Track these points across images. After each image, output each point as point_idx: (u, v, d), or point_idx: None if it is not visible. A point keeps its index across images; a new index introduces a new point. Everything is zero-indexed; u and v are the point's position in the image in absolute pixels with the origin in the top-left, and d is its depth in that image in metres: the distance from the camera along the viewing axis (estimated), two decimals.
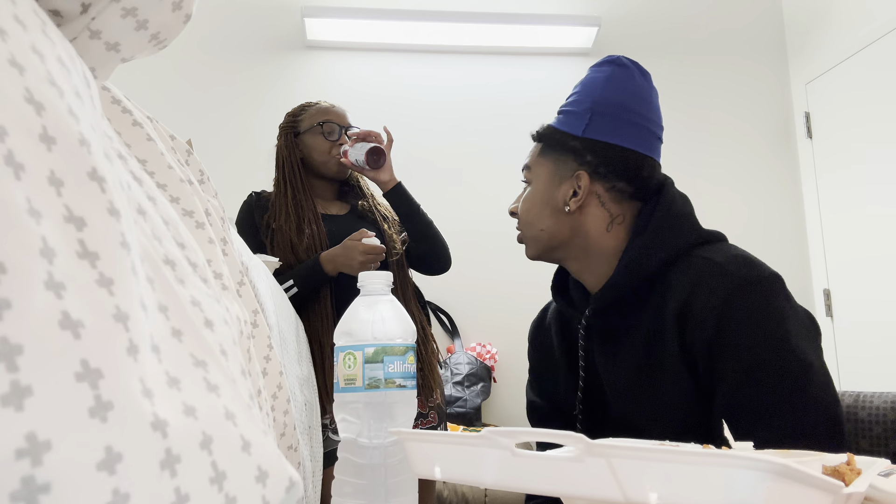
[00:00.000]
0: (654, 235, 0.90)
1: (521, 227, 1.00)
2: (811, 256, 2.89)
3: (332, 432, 1.48)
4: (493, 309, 2.72)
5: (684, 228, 0.91)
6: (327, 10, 2.71)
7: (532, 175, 1.00)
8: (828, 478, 0.37)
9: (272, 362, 0.64)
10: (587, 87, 0.97)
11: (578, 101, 0.97)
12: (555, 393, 1.06)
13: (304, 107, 1.73)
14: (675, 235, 0.90)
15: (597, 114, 0.95)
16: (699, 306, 0.82)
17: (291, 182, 1.63)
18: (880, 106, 2.51)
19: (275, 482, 0.31)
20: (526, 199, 1.00)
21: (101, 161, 0.27)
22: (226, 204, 0.66)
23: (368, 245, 1.46)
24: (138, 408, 0.24)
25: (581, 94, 0.97)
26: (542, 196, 0.97)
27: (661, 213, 0.91)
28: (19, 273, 0.21)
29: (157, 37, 0.40)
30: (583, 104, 0.96)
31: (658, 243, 0.89)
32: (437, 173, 2.80)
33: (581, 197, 0.94)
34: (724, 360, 0.80)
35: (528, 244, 1.00)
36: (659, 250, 0.89)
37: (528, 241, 1.00)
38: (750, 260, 0.84)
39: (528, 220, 0.98)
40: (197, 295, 0.35)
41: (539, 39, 2.88)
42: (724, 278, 0.82)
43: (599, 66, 0.98)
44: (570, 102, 0.98)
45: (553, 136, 0.98)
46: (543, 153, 0.99)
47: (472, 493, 2.11)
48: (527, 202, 0.99)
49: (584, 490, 0.39)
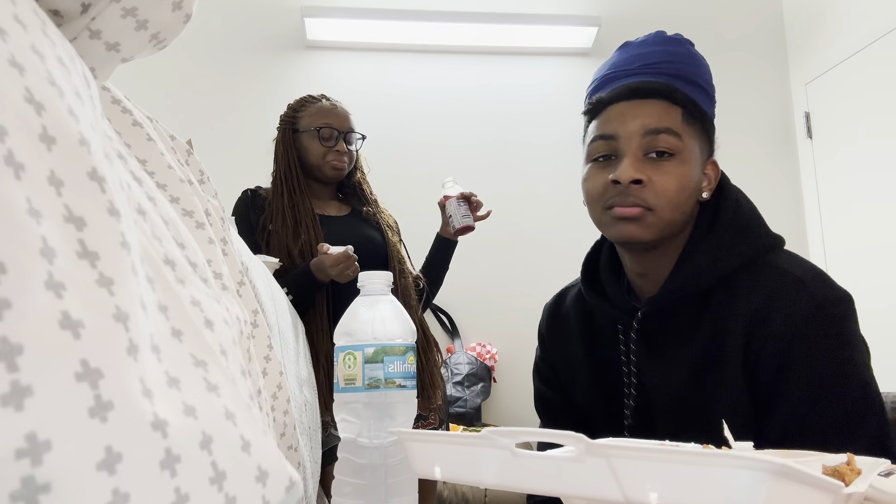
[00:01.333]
0: (725, 238, 0.84)
1: (658, 203, 0.82)
2: (811, 256, 2.89)
3: (333, 428, 1.46)
4: (493, 309, 2.72)
5: (754, 232, 0.86)
6: (327, 10, 2.71)
7: (684, 145, 0.83)
8: (828, 478, 0.37)
9: (272, 362, 0.64)
10: (696, 60, 0.89)
11: (698, 75, 0.88)
12: (570, 385, 0.99)
13: (305, 101, 1.68)
14: (746, 239, 0.85)
15: (714, 101, 0.90)
16: (778, 319, 0.78)
17: (288, 182, 1.60)
18: (880, 105, 2.51)
19: (275, 482, 0.31)
20: (680, 175, 0.83)
21: (101, 161, 0.27)
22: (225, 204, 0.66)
23: (333, 256, 1.42)
24: (138, 408, 0.24)
25: (693, 66, 0.88)
26: (695, 175, 0.85)
27: (728, 213, 0.86)
28: (19, 273, 0.21)
29: (158, 37, 0.40)
30: (705, 81, 0.88)
31: (728, 248, 0.83)
32: (437, 173, 2.80)
33: (713, 187, 0.87)
34: (792, 380, 0.77)
35: (653, 227, 0.83)
36: (730, 255, 0.83)
37: (658, 223, 0.83)
38: (825, 276, 0.81)
39: (679, 200, 0.82)
40: (197, 295, 0.35)
41: (539, 39, 2.88)
42: (806, 294, 0.78)
43: (684, 42, 0.91)
44: (690, 73, 0.88)
45: (696, 110, 0.86)
46: (689, 123, 0.85)
47: (472, 493, 2.11)
48: (682, 178, 0.83)
49: (584, 490, 0.39)
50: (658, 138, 0.83)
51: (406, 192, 2.63)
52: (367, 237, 1.62)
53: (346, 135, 1.63)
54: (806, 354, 0.76)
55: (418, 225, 1.99)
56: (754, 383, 0.80)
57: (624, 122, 0.85)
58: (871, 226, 2.56)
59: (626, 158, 0.83)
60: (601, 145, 0.86)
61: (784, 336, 0.77)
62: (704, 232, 0.86)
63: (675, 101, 0.85)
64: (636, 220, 0.82)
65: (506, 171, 2.84)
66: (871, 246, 2.56)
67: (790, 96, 3.02)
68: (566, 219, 2.77)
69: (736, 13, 3.06)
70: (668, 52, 0.88)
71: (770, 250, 0.85)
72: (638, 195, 0.82)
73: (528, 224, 2.80)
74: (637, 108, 0.85)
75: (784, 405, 0.77)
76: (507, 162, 2.84)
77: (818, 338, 0.76)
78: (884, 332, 2.41)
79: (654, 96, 0.85)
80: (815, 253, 2.87)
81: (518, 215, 2.80)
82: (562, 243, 2.75)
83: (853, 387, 0.76)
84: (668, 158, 0.83)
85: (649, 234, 0.83)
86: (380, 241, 1.63)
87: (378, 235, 1.65)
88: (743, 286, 0.82)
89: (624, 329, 0.91)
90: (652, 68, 0.88)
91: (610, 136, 0.85)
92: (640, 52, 0.90)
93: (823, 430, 0.75)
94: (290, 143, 1.64)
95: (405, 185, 2.70)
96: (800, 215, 2.95)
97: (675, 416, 0.86)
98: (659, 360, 0.87)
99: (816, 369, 0.76)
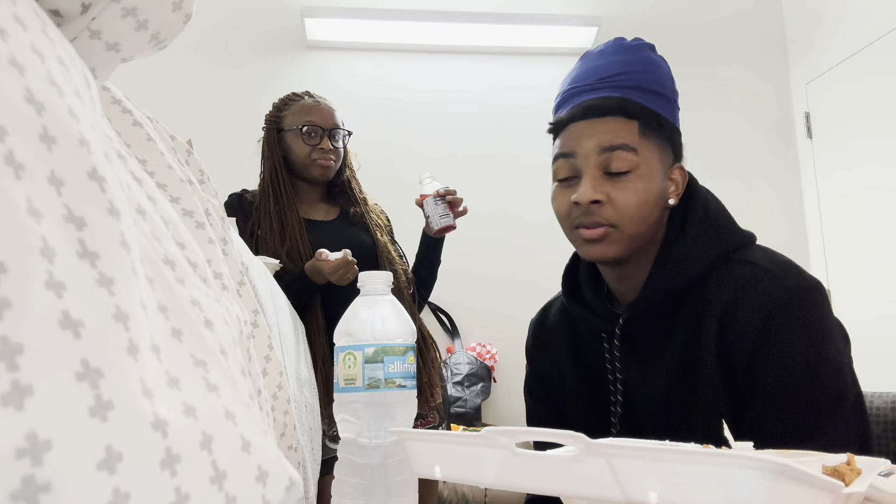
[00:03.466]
0: (696, 239, 0.85)
1: (620, 220, 0.84)
2: (811, 256, 2.89)
3: (329, 440, 1.45)
4: (493, 309, 2.72)
5: (724, 230, 0.87)
6: (327, 10, 2.71)
7: (641, 160, 0.84)
8: (828, 478, 0.37)
9: (272, 362, 0.64)
10: (654, 67, 0.89)
11: (657, 82, 0.88)
12: (561, 399, 0.99)
13: (289, 100, 1.65)
14: (716, 238, 0.86)
15: (677, 105, 0.90)
16: (745, 313, 0.79)
17: (274, 186, 1.57)
18: (880, 105, 2.51)
19: (275, 482, 0.31)
20: (639, 190, 0.84)
21: (101, 161, 0.27)
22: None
23: (332, 263, 1.40)
24: (138, 407, 0.24)
25: (651, 74, 0.88)
26: (656, 187, 0.85)
27: (697, 215, 0.87)
28: (19, 272, 0.21)
29: (158, 37, 0.40)
30: (665, 87, 0.89)
31: (699, 248, 0.85)
32: (437, 173, 2.80)
33: (680, 192, 0.88)
34: (765, 373, 0.77)
35: (619, 242, 0.84)
36: (702, 255, 0.84)
37: (624, 238, 0.84)
38: (794, 266, 0.82)
39: (640, 215, 0.84)
40: (197, 295, 0.35)
41: (539, 39, 2.88)
42: (772, 285, 0.79)
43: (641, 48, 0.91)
44: (647, 81, 0.88)
45: (652, 118, 0.87)
46: (646, 135, 0.86)
47: (472, 493, 2.11)
48: (641, 193, 0.84)
49: (584, 490, 0.39)
50: (613, 155, 0.84)
51: (406, 193, 2.63)
52: (357, 241, 1.58)
53: (330, 132, 1.59)
54: (773, 344, 0.77)
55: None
56: (730, 378, 0.81)
57: (580, 141, 0.86)
58: (871, 225, 2.56)
59: (585, 178, 0.85)
60: (562, 164, 0.88)
61: (752, 327, 0.78)
62: (675, 235, 0.87)
63: (631, 115, 0.85)
64: (601, 241, 0.85)
65: (506, 171, 2.84)
66: (871, 246, 2.56)
67: (790, 96, 3.02)
68: None
69: (736, 13, 3.06)
70: (623, 62, 0.88)
71: (740, 247, 0.87)
72: (599, 214, 0.84)
73: (528, 224, 2.80)
74: (592, 127, 0.86)
75: (756, 395, 0.78)
76: (507, 162, 2.84)
77: (785, 327, 0.77)
78: (884, 332, 2.41)
79: (609, 113, 0.86)
80: (814, 252, 2.87)
81: (518, 215, 2.81)
82: (562, 243, 2.73)
83: (826, 374, 0.76)
84: (628, 174, 0.84)
85: (616, 251, 0.85)
86: (370, 244, 1.60)
87: (367, 237, 1.62)
88: (715, 284, 0.83)
89: (607, 336, 0.92)
90: (608, 82, 0.88)
91: (569, 155, 0.87)
92: (596, 65, 0.90)
93: (794, 419, 0.76)
94: (275, 143, 1.61)
95: (405, 185, 2.70)
96: (800, 215, 2.95)
97: (659, 420, 0.87)
98: (642, 364, 0.88)
99: (785, 357, 0.77)
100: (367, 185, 1.80)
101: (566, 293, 0.99)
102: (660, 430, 0.83)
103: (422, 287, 1.70)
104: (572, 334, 0.99)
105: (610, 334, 0.91)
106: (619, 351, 0.90)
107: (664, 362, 0.86)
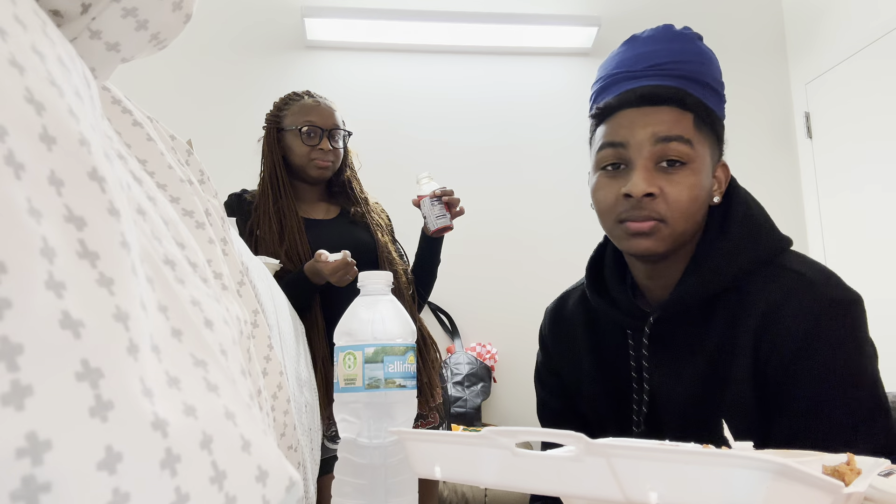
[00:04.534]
0: (736, 241, 0.83)
1: (671, 215, 0.80)
2: (811, 256, 2.88)
3: (327, 440, 1.45)
4: (493, 309, 2.72)
5: (765, 234, 0.85)
6: (327, 10, 2.71)
7: (695, 153, 0.81)
8: (828, 478, 0.37)
9: (272, 362, 0.64)
10: (707, 58, 0.86)
11: (708, 73, 0.85)
12: (576, 390, 0.96)
13: (289, 99, 1.65)
14: (758, 242, 0.83)
15: (724, 99, 0.88)
16: (787, 322, 0.77)
17: (273, 185, 1.57)
18: (880, 105, 2.51)
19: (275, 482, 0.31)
20: (692, 185, 0.80)
21: (101, 161, 0.27)
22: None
23: (332, 264, 1.40)
24: (138, 407, 0.24)
25: (703, 65, 0.85)
26: (707, 183, 0.82)
27: (739, 216, 0.85)
28: (20, 273, 0.21)
29: (158, 37, 0.40)
30: (715, 79, 0.86)
31: (740, 250, 0.82)
32: (437, 173, 2.80)
33: (723, 190, 0.86)
34: (801, 380, 0.76)
35: (667, 238, 0.81)
36: (741, 259, 0.82)
37: (671, 234, 0.81)
38: (835, 277, 0.80)
39: (691, 210, 0.80)
40: (197, 295, 0.35)
41: (539, 39, 2.88)
42: (816, 296, 0.77)
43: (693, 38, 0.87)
44: (700, 73, 0.84)
45: (705, 111, 0.83)
46: (699, 129, 0.82)
47: (472, 493, 2.11)
48: (693, 188, 0.80)
49: (584, 490, 0.39)
50: (669, 147, 0.80)
51: (406, 193, 2.63)
52: (357, 241, 1.58)
53: (330, 132, 1.59)
54: (815, 355, 0.76)
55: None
56: (762, 384, 0.79)
57: (633, 129, 0.82)
58: (871, 226, 2.56)
59: (637, 170, 0.80)
60: (610, 153, 0.83)
61: (794, 337, 0.76)
62: (715, 235, 0.85)
63: (686, 107, 0.82)
64: (649, 235, 0.80)
65: (506, 171, 2.83)
66: (871, 246, 2.56)
67: (790, 96, 3.02)
68: (566, 219, 2.77)
69: (736, 13, 3.06)
70: (676, 50, 0.85)
71: (781, 252, 0.85)
72: (650, 208, 0.80)
73: (528, 224, 2.80)
74: (647, 116, 0.81)
75: (793, 406, 0.77)
76: (508, 162, 2.84)
77: (828, 339, 0.76)
78: (884, 332, 2.41)
79: (665, 102, 0.82)
80: (814, 252, 2.87)
81: (518, 215, 2.81)
82: (562, 243, 2.75)
83: (862, 388, 0.75)
84: (680, 167, 0.80)
85: (663, 247, 0.81)
86: (370, 244, 1.60)
87: (368, 237, 1.61)
88: (755, 288, 0.81)
89: (633, 334, 0.89)
90: (660, 69, 0.84)
91: (619, 144, 0.83)
92: (646, 51, 0.86)
93: (832, 431, 0.75)
94: (275, 142, 1.61)
95: (406, 185, 2.69)
96: (800, 215, 2.95)
97: (684, 420, 0.85)
98: (670, 365, 0.86)
99: (826, 370, 0.75)
100: (367, 185, 1.80)
101: (590, 286, 0.95)
102: (682, 431, 0.81)
103: (421, 287, 1.70)
104: (592, 327, 0.96)
105: (636, 332, 0.88)
106: (646, 350, 0.86)
107: (693, 365, 0.83)
